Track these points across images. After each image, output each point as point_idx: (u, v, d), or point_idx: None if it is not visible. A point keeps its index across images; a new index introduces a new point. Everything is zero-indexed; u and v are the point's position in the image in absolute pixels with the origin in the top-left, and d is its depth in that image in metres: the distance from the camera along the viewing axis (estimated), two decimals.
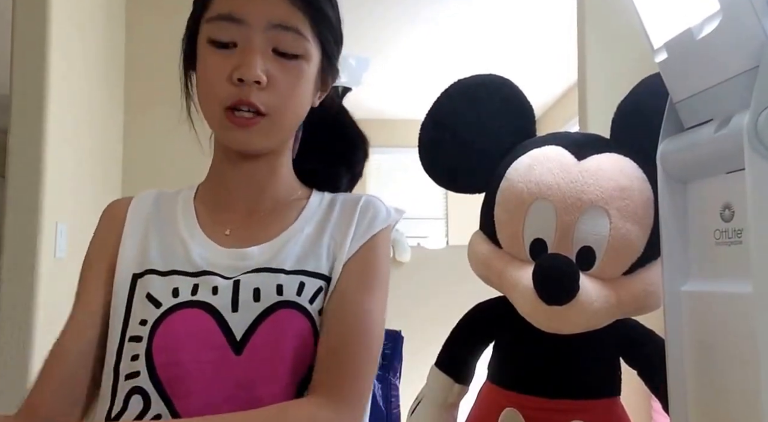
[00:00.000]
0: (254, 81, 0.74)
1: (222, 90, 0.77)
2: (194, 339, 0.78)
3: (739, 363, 0.42)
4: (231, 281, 0.81)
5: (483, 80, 0.62)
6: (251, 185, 0.87)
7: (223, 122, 0.78)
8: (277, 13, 0.77)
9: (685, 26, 0.43)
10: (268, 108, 0.77)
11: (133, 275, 0.84)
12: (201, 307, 0.79)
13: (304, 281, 0.80)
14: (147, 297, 0.81)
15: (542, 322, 0.54)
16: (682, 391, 0.47)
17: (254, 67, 0.75)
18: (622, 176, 0.54)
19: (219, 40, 0.77)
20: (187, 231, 0.88)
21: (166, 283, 0.82)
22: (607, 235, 0.53)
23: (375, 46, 4.03)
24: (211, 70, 0.79)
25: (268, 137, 0.80)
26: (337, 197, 0.94)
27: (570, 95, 4.72)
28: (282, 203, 0.91)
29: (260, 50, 0.75)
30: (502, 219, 0.57)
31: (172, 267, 0.83)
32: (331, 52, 0.83)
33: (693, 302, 0.47)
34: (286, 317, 0.79)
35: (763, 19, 0.39)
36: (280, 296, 0.79)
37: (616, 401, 0.58)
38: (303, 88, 0.81)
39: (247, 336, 0.78)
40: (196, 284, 0.81)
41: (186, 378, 0.75)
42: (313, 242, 0.85)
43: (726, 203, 0.44)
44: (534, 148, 0.58)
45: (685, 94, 0.46)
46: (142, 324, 0.79)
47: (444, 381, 0.62)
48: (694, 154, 0.46)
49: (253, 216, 0.87)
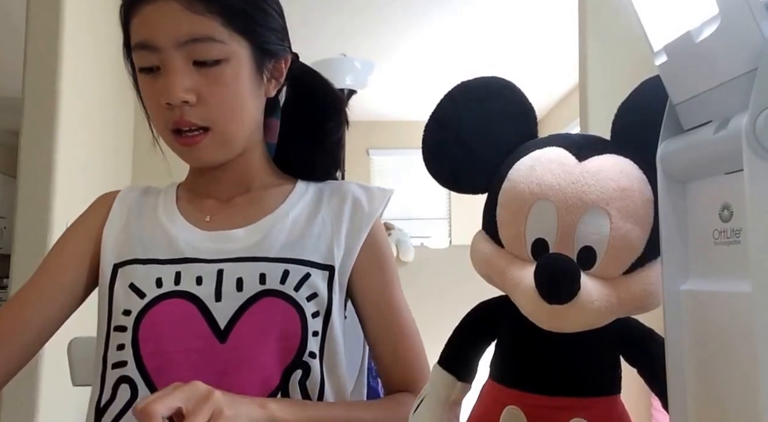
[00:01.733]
0: (181, 102, 0.75)
1: (159, 115, 0.79)
2: (179, 329, 0.78)
3: (738, 360, 0.43)
4: (215, 269, 0.80)
5: (486, 82, 0.63)
6: (226, 182, 0.88)
7: (173, 144, 0.81)
8: (184, 28, 0.75)
9: (684, 30, 0.44)
10: (208, 122, 0.78)
11: (114, 265, 0.84)
12: (185, 297, 0.79)
13: (289, 269, 0.81)
14: (130, 287, 0.81)
15: (543, 321, 0.54)
16: (681, 389, 0.48)
17: (175, 90, 0.74)
18: (623, 176, 0.55)
19: (144, 67, 0.78)
20: (167, 218, 0.87)
21: (149, 272, 0.81)
22: (607, 235, 0.53)
23: (379, 49, 4.06)
24: (146, 98, 0.81)
25: (218, 151, 0.80)
26: (324, 185, 0.94)
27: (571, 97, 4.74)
28: (262, 190, 0.89)
29: (180, 69, 0.75)
30: (504, 219, 0.58)
31: (153, 255, 0.83)
32: (262, 39, 0.81)
33: (692, 301, 0.47)
34: (270, 305, 0.79)
35: (761, 22, 0.40)
36: (263, 286, 0.79)
37: (616, 398, 0.59)
38: (237, 90, 0.79)
39: (230, 325, 0.78)
40: (179, 272, 0.81)
41: (172, 367, 0.76)
42: (301, 227, 0.85)
43: (725, 203, 0.44)
44: (535, 149, 0.58)
45: (685, 97, 0.47)
46: (126, 314, 0.80)
47: (447, 379, 0.62)
48: (693, 155, 0.46)
49: (233, 203, 0.88)
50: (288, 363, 0.78)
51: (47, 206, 2.06)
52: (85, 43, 2.24)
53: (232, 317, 0.78)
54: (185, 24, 0.75)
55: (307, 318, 0.79)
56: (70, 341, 1.10)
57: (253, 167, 0.89)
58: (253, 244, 0.82)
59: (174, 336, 0.77)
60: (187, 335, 0.77)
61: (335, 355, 0.82)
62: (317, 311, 0.81)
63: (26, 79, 2.05)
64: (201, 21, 0.75)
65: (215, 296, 0.78)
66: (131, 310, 0.79)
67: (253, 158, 0.90)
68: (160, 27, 0.76)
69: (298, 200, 0.88)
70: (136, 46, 0.79)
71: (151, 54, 0.77)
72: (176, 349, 0.77)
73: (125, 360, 0.78)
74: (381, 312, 0.84)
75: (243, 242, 0.83)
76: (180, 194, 0.91)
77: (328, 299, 0.81)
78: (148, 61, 0.78)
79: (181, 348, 0.77)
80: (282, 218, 0.85)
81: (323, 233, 0.84)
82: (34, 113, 2.06)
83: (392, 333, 0.84)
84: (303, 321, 0.79)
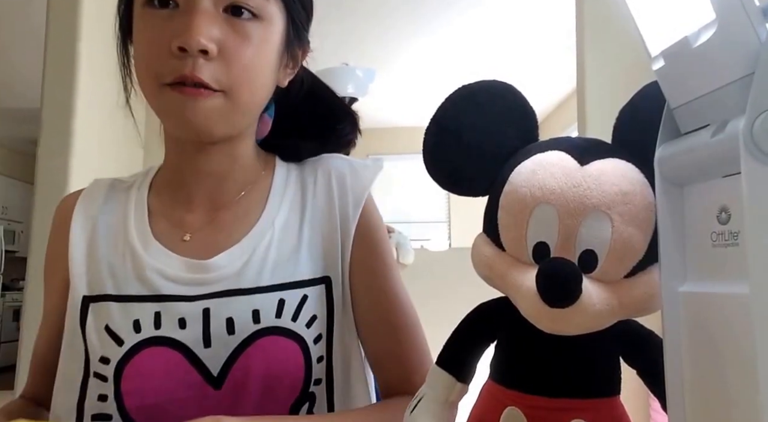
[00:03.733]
0: (199, 50, 0.60)
1: (159, 63, 0.62)
2: (167, 380, 0.68)
3: (737, 362, 0.43)
4: (200, 309, 0.69)
5: (486, 86, 0.63)
6: (210, 177, 0.74)
7: (167, 97, 0.63)
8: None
9: (681, 35, 0.44)
10: (222, 84, 0.63)
11: (83, 297, 0.72)
12: (168, 344, 0.68)
13: (284, 297, 0.70)
14: (106, 330, 0.70)
15: (545, 324, 0.54)
16: (679, 390, 0.48)
17: (198, 32, 0.59)
18: (625, 180, 0.55)
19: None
20: (140, 239, 0.73)
21: (124, 311, 0.70)
22: (609, 239, 0.54)
23: (381, 58, 4.09)
24: (147, 38, 0.64)
25: (223, 119, 0.65)
26: (303, 167, 0.78)
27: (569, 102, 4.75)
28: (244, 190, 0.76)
29: (207, 10, 0.61)
30: (505, 223, 0.58)
31: (126, 290, 0.71)
32: (299, 18, 0.69)
33: (690, 303, 0.48)
34: (267, 345, 0.69)
35: (757, 27, 0.40)
36: (257, 325, 0.68)
37: (616, 400, 0.59)
38: (265, 57, 0.66)
39: (225, 371, 0.68)
40: (158, 313, 0.69)
41: (166, 417, 0.67)
42: (291, 238, 0.73)
43: (722, 206, 0.45)
44: (537, 152, 0.59)
45: (682, 101, 0.47)
46: (103, 362, 0.69)
47: (446, 380, 0.63)
48: (691, 158, 0.47)
49: (215, 214, 0.74)
50: (294, 400, 0.70)
51: None
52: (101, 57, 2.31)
53: (225, 363, 0.68)
54: None
55: (309, 348, 0.70)
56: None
57: (240, 159, 0.75)
58: (238, 270, 0.71)
59: (161, 389, 0.67)
60: (177, 385, 0.68)
61: (340, 376, 0.74)
62: (319, 334, 0.72)
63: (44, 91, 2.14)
64: None
65: (203, 341, 0.68)
66: (110, 359, 0.68)
67: (243, 149, 0.75)
68: None
69: (281, 201, 0.76)
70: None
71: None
72: (166, 400, 0.67)
73: (109, 413, 0.68)
74: (373, 300, 0.74)
75: (227, 269, 0.71)
76: (153, 202, 0.77)
77: (328, 316, 0.73)
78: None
79: (170, 398, 0.67)
80: (267, 231, 0.73)
81: (314, 239, 0.74)
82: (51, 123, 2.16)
83: (387, 323, 0.73)
84: (306, 352, 0.70)
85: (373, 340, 0.77)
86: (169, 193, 0.77)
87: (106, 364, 0.68)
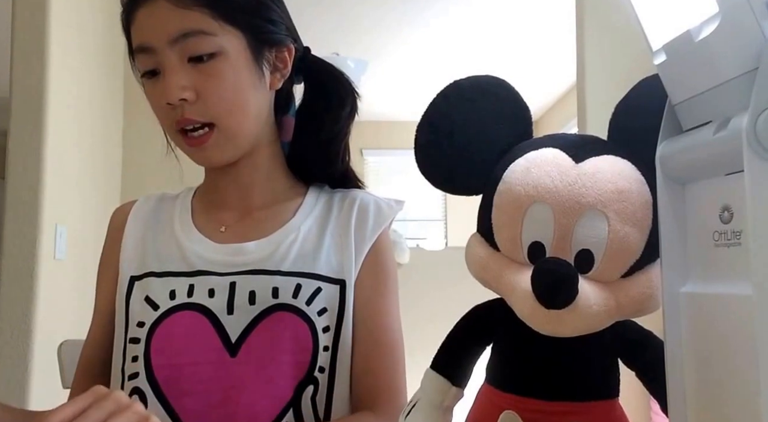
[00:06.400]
0: (180, 99, 0.76)
1: (164, 116, 0.80)
2: (190, 341, 0.78)
3: (738, 363, 0.42)
4: (227, 282, 0.80)
5: (479, 81, 0.62)
6: (239, 186, 0.87)
7: (181, 145, 0.81)
8: (174, 24, 0.75)
9: (683, 28, 0.43)
10: (210, 117, 0.78)
11: (130, 277, 0.85)
12: (197, 309, 0.79)
13: (302, 282, 0.81)
14: (146, 300, 0.81)
15: (541, 325, 0.54)
16: (680, 392, 0.48)
17: (171, 89, 0.75)
18: (621, 178, 0.54)
19: (145, 72, 0.79)
20: (183, 230, 0.87)
21: (163, 284, 0.82)
22: (605, 238, 0.53)
23: (373, 49, 4.04)
24: (151, 101, 0.81)
25: (226, 147, 0.80)
26: (334, 195, 0.93)
27: (569, 97, 4.74)
28: (276, 199, 0.89)
29: (175, 68, 0.76)
30: (499, 222, 0.57)
31: (168, 268, 0.83)
32: (257, 29, 0.80)
33: (692, 304, 0.47)
34: (282, 319, 0.79)
35: (762, 21, 0.39)
36: (275, 299, 0.79)
37: (615, 402, 0.58)
38: (236, 83, 0.79)
39: (242, 338, 0.78)
40: (192, 285, 0.81)
41: (182, 379, 0.77)
42: (313, 241, 0.85)
43: (725, 204, 0.44)
44: (531, 150, 0.58)
45: (684, 96, 0.46)
46: (139, 326, 0.80)
47: (440, 384, 0.62)
48: (693, 156, 0.46)
49: (248, 214, 0.87)
50: (301, 378, 0.78)
51: (36, 208, 2.03)
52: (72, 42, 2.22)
53: (243, 330, 0.78)
54: (174, 20, 0.76)
55: (318, 333, 0.79)
56: (61, 343, 1.10)
57: (265, 167, 0.87)
58: (264, 257, 0.82)
59: (185, 349, 0.78)
60: (198, 347, 0.78)
61: (344, 371, 0.82)
62: (327, 326, 0.80)
63: (13, 79, 2.01)
64: (189, 15, 0.76)
65: (227, 309, 0.78)
66: (145, 322, 0.80)
67: (266, 157, 0.88)
68: (152, 27, 0.77)
69: (309, 213, 0.88)
70: (136, 50, 0.80)
71: (148, 57, 0.78)
72: (186, 362, 0.77)
73: (137, 371, 0.78)
74: (364, 319, 0.83)
75: (255, 255, 0.83)
76: (195, 205, 0.91)
77: (338, 313, 0.81)
78: (147, 65, 0.79)
79: (191, 360, 0.77)
80: (293, 232, 0.85)
81: (333, 247, 0.84)
82: (21, 112, 2.01)
83: (370, 340, 0.82)
84: (314, 336, 0.79)
85: (355, 351, 0.84)
86: (208, 197, 0.91)
87: (141, 328, 0.79)
